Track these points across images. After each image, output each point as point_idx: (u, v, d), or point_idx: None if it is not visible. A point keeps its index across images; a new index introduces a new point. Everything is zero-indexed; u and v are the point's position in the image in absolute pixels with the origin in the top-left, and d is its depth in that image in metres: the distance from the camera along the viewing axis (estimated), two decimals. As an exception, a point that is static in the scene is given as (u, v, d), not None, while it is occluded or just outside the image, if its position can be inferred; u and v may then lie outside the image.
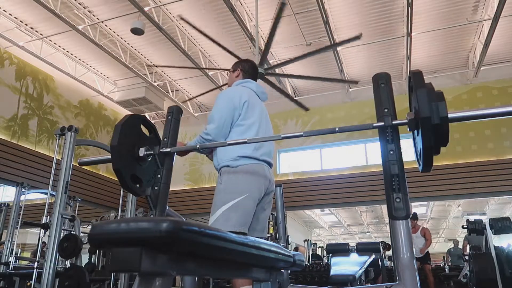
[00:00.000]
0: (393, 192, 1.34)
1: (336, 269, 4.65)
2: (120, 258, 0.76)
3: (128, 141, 1.78)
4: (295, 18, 7.34)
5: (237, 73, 2.57)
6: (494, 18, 6.80)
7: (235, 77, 2.56)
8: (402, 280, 1.26)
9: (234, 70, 2.59)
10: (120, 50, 8.27)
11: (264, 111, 2.50)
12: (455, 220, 17.86)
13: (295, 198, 9.41)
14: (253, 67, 2.63)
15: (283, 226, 3.47)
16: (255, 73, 2.63)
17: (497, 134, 8.77)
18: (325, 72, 9.23)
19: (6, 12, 7.33)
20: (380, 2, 7.10)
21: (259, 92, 2.52)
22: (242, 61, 2.67)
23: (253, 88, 2.48)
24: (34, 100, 8.69)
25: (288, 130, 10.22)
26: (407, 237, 1.31)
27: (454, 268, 8.83)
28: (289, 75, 8.15)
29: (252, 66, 2.63)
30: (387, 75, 1.52)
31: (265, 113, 2.50)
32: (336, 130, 1.53)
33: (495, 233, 5.12)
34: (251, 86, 2.48)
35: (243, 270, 1.16)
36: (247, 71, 2.57)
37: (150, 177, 1.91)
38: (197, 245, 0.79)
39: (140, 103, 9.73)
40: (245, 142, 1.79)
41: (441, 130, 1.26)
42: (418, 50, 8.48)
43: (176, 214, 1.99)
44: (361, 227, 20.70)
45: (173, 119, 1.91)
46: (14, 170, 7.70)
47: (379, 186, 7.75)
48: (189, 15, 7.41)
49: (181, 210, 9.16)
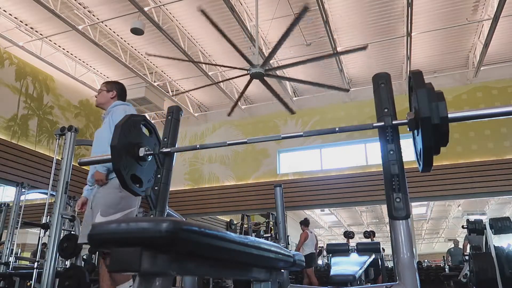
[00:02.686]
0: (393, 192, 1.34)
1: (336, 269, 4.65)
2: (120, 258, 0.76)
3: (128, 141, 1.78)
4: (295, 18, 7.33)
5: (112, 94, 2.81)
6: (494, 18, 6.80)
7: (111, 98, 2.80)
8: (402, 280, 1.26)
9: (108, 90, 2.81)
10: (120, 50, 8.27)
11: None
12: (455, 220, 17.87)
13: (295, 198, 9.41)
14: (125, 90, 2.92)
15: (283, 226, 3.47)
16: (125, 96, 2.93)
17: (497, 134, 8.77)
18: (325, 72, 9.24)
19: (6, 12, 7.33)
20: (380, 2, 7.10)
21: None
22: (116, 83, 2.90)
23: (132, 112, 2.73)
24: (34, 100, 8.69)
25: (288, 130, 10.22)
26: (407, 237, 1.31)
27: (454, 268, 8.83)
28: (288, 78, 8.15)
29: (124, 89, 2.92)
30: (387, 75, 1.52)
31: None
32: (336, 130, 1.53)
33: (495, 233, 5.11)
34: (132, 111, 2.74)
35: (243, 270, 1.16)
36: (121, 95, 2.85)
37: (150, 177, 1.91)
38: (197, 245, 0.79)
39: (140, 103, 9.72)
40: (245, 142, 1.79)
41: (441, 130, 1.26)
42: (418, 50, 8.48)
43: (176, 214, 1.99)
44: (361, 227, 20.70)
45: (173, 119, 1.91)
46: (14, 170, 7.70)
47: (379, 186, 7.75)
48: (189, 15, 7.42)
49: (181, 210, 9.16)
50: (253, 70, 5.60)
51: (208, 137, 11.27)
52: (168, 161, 1.84)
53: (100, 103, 2.81)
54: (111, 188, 2.50)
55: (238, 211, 10.25)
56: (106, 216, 2.38)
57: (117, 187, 2.41)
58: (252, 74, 5.63)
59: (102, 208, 2.43)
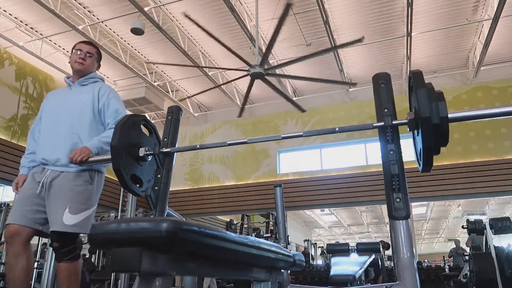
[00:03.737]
0: (393, 192, 1.34)
1: (336, 269, 4.64)
2: (120, 258, 0.76)
3: (128, 141, 1.78)
4: (295, 18, 7.34)
5: (97, 65, 2.46)
6: (494, 18, 6.80)
7: (96, 69, 2.43)
8: (402, 280, 1.26)
9: (97, 60, 2.44)
10: (120, 50, 8.27)
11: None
12: (455, 220, 17.87)
13: (295, 198, 9.40)
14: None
15: (283, 226, 3.47)
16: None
17: (497, 134, 8.76)
18: (325, 72, 9.23)
19: (6, 12, 7.33)
20: (380, 2, 7.10)
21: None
22: (100, 52, 2.49)
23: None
24: (34, 100, 8.69)
25: (288, 130, 10.22)
26: (407, 237, 1.31)
27: (454, 268, 8.83)
28: (289, 75, 8.15)
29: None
30: (387, 75, 1.52)
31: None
32: (336, 130, 1.53)
33: (495, 233, 5.12)
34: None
35: (243, 270, 1.16)
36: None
37: (150, 177, 1.91)
38: (197, 245, 0.79)
39: (140, 103, 9.72)
40: (245, 142, 1.79)
41: (441, 130, 1.26)
42: (418, 50, 8.48)
43: (176, 214, 1.99)
44: (361, 227, 20.71)
45: (173, 119, 1.91)
46: (14, 170, 7.66)
47: (379, 186, 7.75)
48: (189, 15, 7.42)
49: (181, 210, 9.16)
50: (252, 70, 5.60)
51: (208, 137, 11.27)
52: (168, 161, 1.84)
53: (87, 71, 2.34)
54: (82, 181, 2.14)
55: (238, 211, 10.26)
56: (77, 214, 2.05)
57: (88, 179, 2.16)
58: (252, 74, 5.64)
59: (71, 204, 2.06)
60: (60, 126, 2.22)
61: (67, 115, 2.24)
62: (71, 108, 2.25)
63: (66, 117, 2.23)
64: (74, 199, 2.08)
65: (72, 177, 2.13)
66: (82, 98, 2.27)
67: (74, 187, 2.11)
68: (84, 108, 2.25)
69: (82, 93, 2.30)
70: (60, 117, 2.25)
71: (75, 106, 2.26)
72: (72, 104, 2.26)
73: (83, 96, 2.28)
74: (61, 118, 2.24)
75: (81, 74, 2.34)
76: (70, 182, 2.11)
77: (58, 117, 2.25)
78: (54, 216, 2.04)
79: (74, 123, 2.22)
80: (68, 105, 2.27)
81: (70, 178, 2.12)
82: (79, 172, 2.14)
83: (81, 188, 2.13)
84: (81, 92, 2.30)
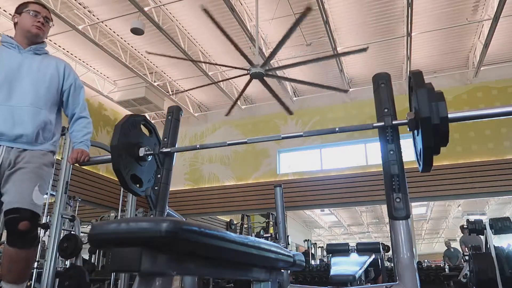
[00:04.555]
0: (393, 192, 1.34)
1: (336, 269, 4.64)
2: (120, 258, 0.76)
3: (128, 141, 1.78)
4: (295, 18, 7.32)
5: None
6: (494, 18, 6.80)
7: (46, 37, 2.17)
8: (402, 280, 1.26)
9: (50, 27, 2.16)
10: (120, 50, 8.27)
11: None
12: (455, 220, 17.87)
13: (295, 198, 9.40)
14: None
15: (283, 226, 3.47)
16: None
17: (497, 134, 8.77)
18: (325, 72, 9.24)
19: (6, 12, 7.33)
20: (380, 2, 7.10)
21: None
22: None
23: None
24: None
25: (288, 130, 10.22)
26: (407, 237, 1.32)
27: (454, 268, 8.83)
28: (288, 78, 8.15)
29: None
30: (387, 75, 1.52)
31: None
32: (336, 130, 1.53)
33: (495, 233, 5.11)
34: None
35: (243, 270, 1.16)
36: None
37: (150, 177, 1.91)
38: (197, 245, 0.79)
39: (140, 103, 9.72)
40: (245, 142, 1.79)
41: (441, 130, 1.26)
42: (418, 50, 8.48)
43: (176, 214, 1.99)
44: (361, 227, 20.71)
45: (173, 119, 1.91)
46: None
47: (379, 186, 7.75)
48: (189, 15, 7.42)
49: (181, 210, 9.16)
50: (253, 70, 5.60)
51: (208, 137, 11.28)
52: (168, 161, 1.84)
53: (42, 38, 2.11)
54: (48, 162, 1.98)
55: (238, 211, 10.26)
56: (42, 196, 1.92)
57: (52, 162, 2.03)
58: (252, 74, 5.63)
59: (41, 183, 1.90)
60: (19, 95, 1.91)
61: (30, 85, 1.94)
62: (37, 79, 1.98)
63: (29, 87, 1.94)
64: (43, 179, 1.91)
65: (40, 156, 1.93)
66: (48, 71, 2.03)
67: (43, 166, 1.93)
68: (51, 82, 2.02)
69: (44, 64, 2.04)
70: (17, 84, 1.92)
71: (41, 77, 1.99)
72: (36, 75, 1.98)
73: (48, 69, 2.04)
74: (19, 86, 1.92)
75: (34, 40, 2.07)
76: (38, 161, 1.91)
77: (14, 83, 1.92)
78: (20, 193, 1.81)
79: (40, 96, 1.95)
80: (30, 74, 1.97)
81: (38, 156, 1.91)
82: (46, 152, 1.97)
83: (48, 169, 1.97)
84: (41, 62, 2.04)
